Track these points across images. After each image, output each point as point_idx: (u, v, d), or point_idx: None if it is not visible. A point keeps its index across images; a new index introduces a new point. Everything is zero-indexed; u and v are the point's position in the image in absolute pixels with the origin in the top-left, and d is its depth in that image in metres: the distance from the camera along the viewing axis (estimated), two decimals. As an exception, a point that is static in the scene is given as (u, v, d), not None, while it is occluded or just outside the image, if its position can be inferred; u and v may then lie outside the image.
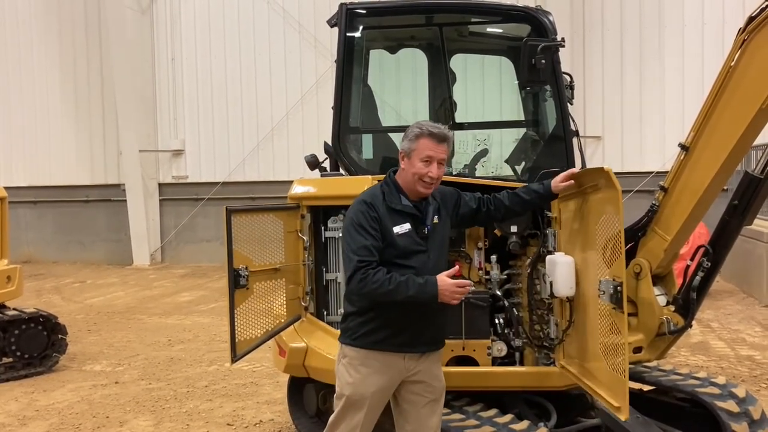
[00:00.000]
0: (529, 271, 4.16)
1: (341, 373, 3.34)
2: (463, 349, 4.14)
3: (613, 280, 3.18)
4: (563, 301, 3.87)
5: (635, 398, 4.39)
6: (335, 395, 3.40)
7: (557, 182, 3.58)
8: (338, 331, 4.26)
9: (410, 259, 3.24)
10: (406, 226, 3.27)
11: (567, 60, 8.42)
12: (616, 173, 3.15)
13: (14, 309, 7.27)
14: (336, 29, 4.58)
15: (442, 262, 3.38)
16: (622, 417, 3.16)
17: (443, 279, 3.13)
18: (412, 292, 3.10)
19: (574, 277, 3.66)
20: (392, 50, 5.37)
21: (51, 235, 16.78)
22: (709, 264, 4.00)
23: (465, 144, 5.18)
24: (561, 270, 3.68)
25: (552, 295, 3.87)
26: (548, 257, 3.85)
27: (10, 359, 7.10)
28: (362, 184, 4.10)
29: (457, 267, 3.26)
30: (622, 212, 3.11)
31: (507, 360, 4.18)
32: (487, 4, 4.86)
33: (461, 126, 5.24)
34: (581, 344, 3.74)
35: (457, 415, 3.93)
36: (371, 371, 3.27)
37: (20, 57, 16.91)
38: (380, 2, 4.73)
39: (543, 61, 4.01)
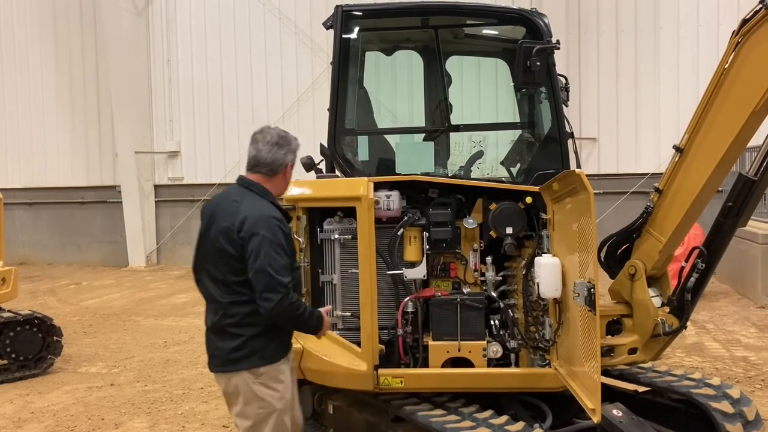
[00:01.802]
0: (524, 272, 4.17)
1: (263, 392, 3.31)
2: (459, 350, 4.14)
3: (587, 282, 3.21)
4: (556, 303, 3.88)
5: (630, 399, 4.42)
6: (260, 418, 3.32)
7: None
8: (333, 333, 4.29)
9: (295, 258, 3.45)
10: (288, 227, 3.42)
11: (562, 62, 8.46)
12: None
13: (9, 311, 7.25)
14: (332, 31, 4.59)
15: None
16: (595, 419, 3.20)
17: (326, 318, 3.49)
18: (314, 324, 3.41)
19: (559, 279, 3.69)
20: (388, 52, 5.38)
21: (46, 236, 16.73)
22: (704, 265, 4.01)
23: (460, 146, 5.20)
24: (545, 272, 3.72)
25: (540, 297, 3.89)
26: (536, 259, 3.88)
27: (5, 361, 7.08)
28: (358, 185, 4.11)
29: (329, 307, 3.60)
30: (595, 214, 3.14)
31: (502, 361, 4.19)
32: (482, 6, 4.87)
33: (457, 128, 5.25)
34: (567, 346, 3.77)
35: (453, 417, 3.94)
36: (285, 377, 3.41)
37: (16, 58, 16.87)
38: (376, 4, 4.73)
39: (538, 63, 4.02)
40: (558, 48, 4.22)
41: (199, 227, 3.48)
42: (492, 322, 4.26)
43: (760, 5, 3.52)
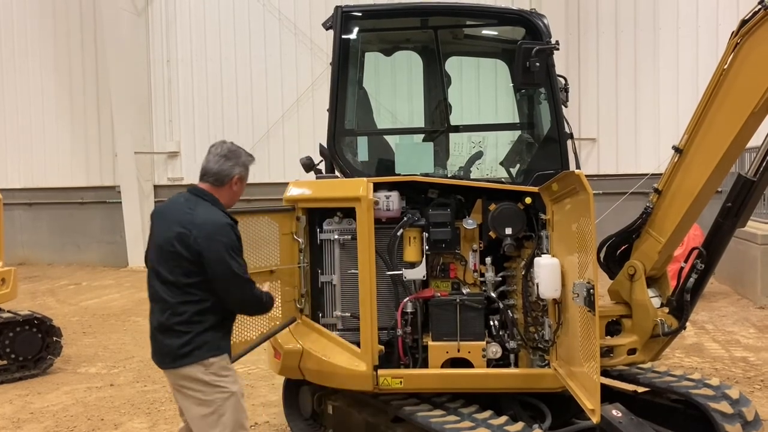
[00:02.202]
0: (523, 273, 4.17)
1: (215, 380, 3.46)
2: (458, 350, 4.15)
3: (587, 282, 3.21)
4: (555, 303, 3.88)
5: (630, 400, 4.42)
6: (219, 403, 3.45)
7: None
8: (333, 333, 4.29)
9: None
10: None
11: (562, 62, 8.45)
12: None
13: (9, 311, 7.25)
14: (331, 32, 4.59)
15: None
16: (594, 420, 3.20)
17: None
18: (271, 304, 3.70)
19: (559, 280, 3.70)
20: (387, 53, 5.38)
21: (46, 237, 16.72)
22: (703, 266, 4.02)
23: (460, 146, 5.20)
24: (545, 272, 3.73)
25: (539, 297, 3.89)
26: (535, 260, 3.88)
27: (5, 362, 7.08)
28: (357, 186, 4.12)
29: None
30: (594, 215, 3.15)
31: (502, 362, 4.19)
32: (482, 7, 4.88)
33: (456, 128, 5.26)
34: (567, 346, 3.78)
35: (452, 417, 3.94)
36: (232, 366, 3.60)
37: (15, 59, 16.86)
38: (375, 5, 4.74)
39: (537, 64, 4.02)
40: (557, 49, 4.23)
41: (150, 231, 3.63)
42: (491, 323, 4.27)
43: (759, 6, 3.53)
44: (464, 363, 4.17)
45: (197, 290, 3.40)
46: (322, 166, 4.71)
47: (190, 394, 3.47)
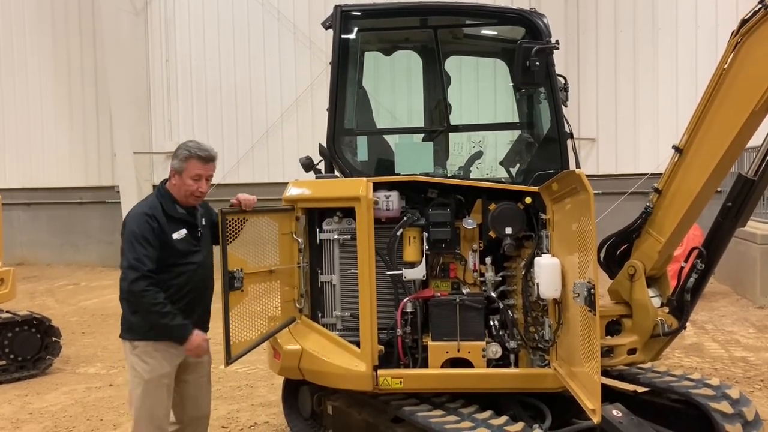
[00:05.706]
0: (523, 273, 4.17)
1: (134, 362, 3.81)
2: (458, 350, 4.14)
3: (587, 282, 3.21)
4: (555, 303, 3.88)
5: (629, 400, 4.42)
6: (133, 385, 3.85)
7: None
8: (332, 333, 4.29)
9: (189, 258, 3.84)
10: (183, 232, 3.83)
11: (561, 62, 8.44)
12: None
13: (7, 311, 7.24)
14: (331, 31, 4.58)
15: (211, 257, 4.04)
16: (595, 420, 3.20)
17: (198, 336, 3.75)
18: (173, 327, 3.68)
19: (559, 279, 3.69)
20: (387, 52, 5.37)
21: (45, 237, 16.72)
22: (703, 266, 4.01)
23: (459, 146, 5.19)
24: (545, 272, 3.72)
25: (539, 297, 3.89)
26: (535, 259, 3.88)
27: (4, 362, 7.07)
28: (357, 185, 4.11)
29: (206, 336, 3.87)
30: (594, 214, 3.14)
31: (502, 362, 4.19)
32: (481, 6, 4.86)
33: (456, 128, 5.25)
34: (567, 346, 3.77)
35: (452, 417, 3.94)
36: (161, 356, 3.79)
37: (14, 59, 16.85)
38: (375, 4, 4.73)
39: (537, 63, 4.01)
40: (557, 48, 4.22)
41: None
42: (491, 323, 4.26)
43: (760, 5, 3.52)
44: (464, 363, 4.16)
45: None
46: (321, 166, 4.70)
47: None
